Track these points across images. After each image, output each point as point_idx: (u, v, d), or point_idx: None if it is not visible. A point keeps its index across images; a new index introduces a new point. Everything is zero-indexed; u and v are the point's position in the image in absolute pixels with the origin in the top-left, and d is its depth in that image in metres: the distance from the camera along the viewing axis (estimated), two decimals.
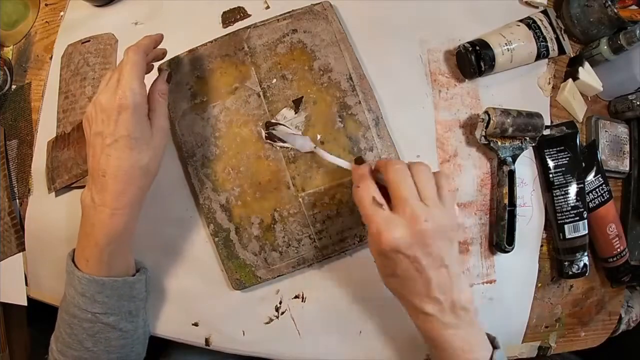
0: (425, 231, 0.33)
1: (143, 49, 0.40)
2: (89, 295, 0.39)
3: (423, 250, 0.33)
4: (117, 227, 0.39)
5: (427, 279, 0.34)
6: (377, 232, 0.33)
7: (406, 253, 0.33)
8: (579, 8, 0.53)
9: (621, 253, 0.53)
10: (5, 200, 0.53)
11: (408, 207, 0.33)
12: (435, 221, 0.33)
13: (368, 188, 0.35)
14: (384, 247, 0.33)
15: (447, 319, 0.35)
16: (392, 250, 0.33)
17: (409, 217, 0.33)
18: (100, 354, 0.41)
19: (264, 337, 0.48)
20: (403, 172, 0.35)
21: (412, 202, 0.34)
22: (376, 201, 0.35)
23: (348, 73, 0.48)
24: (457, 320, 0.35)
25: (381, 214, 0.34)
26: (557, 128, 0.52)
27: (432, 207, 0.34)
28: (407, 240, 0.33)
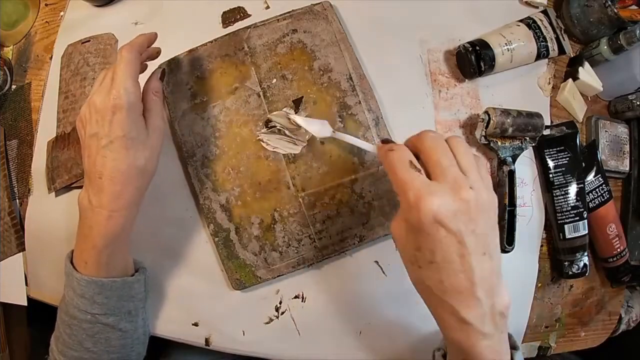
0: (470, 201, 0.29)
1: (137, 48, 0.40)
2: (88, 297, 0.39)
3: (467, 226, 0.29)
4: (115, 229, 0.38)
5: (469, 267, 0.29)
6: (415, 199, 0.28)
7: (449, 226, 0.28)
8: (579, 8, 0.53)
9: (621, 253, 0.53)
10: (5, 200, 0.53)
11: (450, 174, 0.29)
12: (479, 193, 0.29)
13: (403, 151, 0.31)
14: (423, 217, 0.28)
15: (486, 329, 0.30)
16: (434, 221, 0.28)
17: (452, 184, 0.29)
18: (100, 354, 0.41)
19: (264, 337, 0.48)
20: (440, 140, 0.31)
21: (453, 169, 0.29)
22: (413, 165, 0.30)
23: (348, 73, 0.48)
24: (494, 330, 0.30)
25: (421, 179, 0.29)
26: (557, 128, 0.52)
27: (475, 178, 0.30)
28: (451, 207, 0.28)
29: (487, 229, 0.30)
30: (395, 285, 0.48)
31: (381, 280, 0.48)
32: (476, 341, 0.30)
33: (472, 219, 0.29)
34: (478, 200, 0.29)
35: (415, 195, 0.29)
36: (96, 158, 0.37)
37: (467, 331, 0.30)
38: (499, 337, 0.31)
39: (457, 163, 0.30)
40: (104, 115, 0.37)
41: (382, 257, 0.48)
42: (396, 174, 0.30)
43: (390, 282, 0.48)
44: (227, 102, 0.48)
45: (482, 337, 0.30)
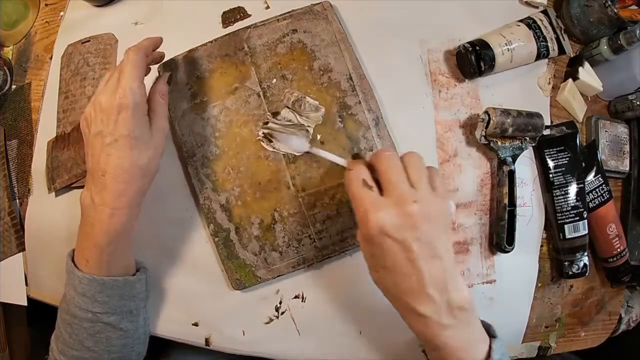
0: (414, 213, 0.32)
1: (143, 50, 0.40)
2: (89, 295, 0.39)
3: (412, 235, 0.32)
4: (117, 227, 0.39)
5: (418, 270, 0.32)
6: (363, 214, 0.32)
7: (394, 236, 0.32)
8: (579, 8, 0.53)
9: (621, 253, 0.53)
10: (5, 200, 0.53)
11: (397, 189, 0.33)
12: (424, 205, 0.32)
13: (359, 171, 0.35)
14: (370, 229, 0.32)
15: (444, 320, 0.33)
16: (380, 233, 0.32)
17: (396, 198, 0.32)
18: (101, 353, 0.41)
19: (264, 337, 0.48)
20: (393, 158, 0.34)
21: (401, 185, 0.33)
22: (365, 183, 0.34)
23: (348, 73, 0.48)
24: (454, 321, 0.33)
25: (369, 196, 0.33)
26: (557, 128, 0.52)
27: (421, 192, 0.33)
28: (394, 220, 0.32)
29: (434, 235, 0.33)
30: None
31: None
32: (437, 331, 0.34)
33: (417, 228, 0.32)
34: (423, 211, 0.32)
35: (365, 210, 0.32)
36: (100, 156, 0.37)
37: (426, 323, 0.34)
38: (462, 328, 0.34)
39: (408, 178, 0.33)
40: (109, 114, 0.37)
41: None
42: (351, 190, 0.34)
43: None
44: (227, 102, 0.48)
45: (442, 328, 0.33)
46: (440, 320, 0.33)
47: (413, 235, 0.32)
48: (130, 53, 0.39)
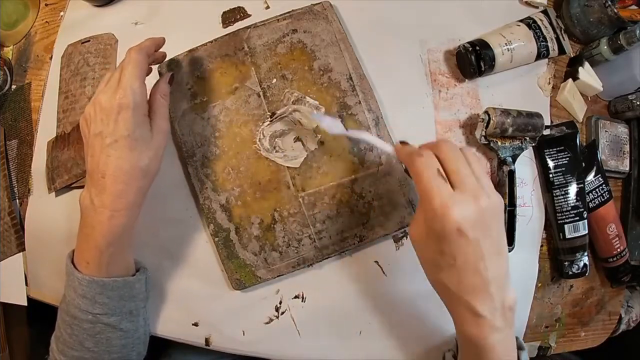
0: (487, 210, 0.31)
1: (145, 50, 0.40)
2: (89, 297, 0.39)
3: (484, 232, 0.31)
4: (116, 229, 0.38)
5: (485, 268, 0.31)
6: (441, 209, 0.31)
7: (469, 234, 0.31)
8: (579, 8, 0.53)
9: (621, 253, 0.53)
10: (5, 200, 0.53)
11: (470, 184, 0.31)
12: (492, 200, 0.32)
13: (431, 158, 0.33)
14: (449, 227, 0.30)
15: (497, 322, 0.33)
16: (456, 230, 0.30)
17: (472, 194, 0.31)
18: (101, 354, 0.41)
19: (264, 337, 0.48)
20: (457, 150, 0.33)
21: (471, 179, 0.32)
22: (441, 174, 0.32)
23: (348, 73, 0.48)
24: (504, 324, 0.33)
25: (447, 189, 0.31)
26: (557, 128, 0.52)
27: (488, 186, 0.32)
28: (472, 217, 0.31)
29: (499, 231, 0.33)
30: (395, 285, 0.48)
31: (381, 280, 0.48)
32: (489, 334, 0.33)
33: (488, 225, 0.32)
34: (492, 207, 0.32)
35: (442, 204, 0.31)
36: (100, 157, 0.37)
37: (481, 325, 0.33)
38: (508, 332, 0.34)
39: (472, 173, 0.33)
40: (109, 114, 0.37)
41: (382, 257, 0.48)
42: (423, 181, 0.32)
43: (390, 282, 0.48)
44: (227, 102, 0.48)
45: (494, 330, 0.33)
46: (494, 321, 0.33)
47: (485, 233, 0.31)
48: (132, 52, 0.39)
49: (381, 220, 0.46)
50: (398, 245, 0.48)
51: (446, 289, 0.34)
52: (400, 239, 0.48)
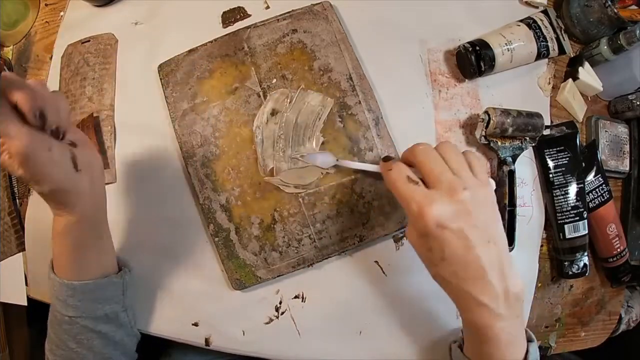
0: (466, 200, 0.32)
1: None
2: (62, 299, 0.40)
3: (467, 222, 0.32)
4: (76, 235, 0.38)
5: (476, 257, 0.32)
6: (418, 210, 0.32)
7: (451, 227, 0.32)
8: (579, 8, 0.53)
9: (621, 253, 0.53)
10: (5, 200, 0.53)
11: (444, 180, 0.33)
12: (473, 190, 0.33)
13: (400, 168, 0.35)
14: (428, 225, 0.32)
15: (501, 310, 0.33)
16: (438, 226, 0.32)
17: (447, 189, 0.32)
18: (84, 354, 0.41)
19: (264, 337, 0.48)
20: (430, 150, 0.35)
21: (446, 175, 0.33)
22: (411, 179, 0.34)
23: (348, 73, 0.48)
24: (509, 312, 0.33)
25: (420, 191, 0.33)
26: (557, 128, 0.52)
27: (466, 179, 0.33)
28: (449, 210, 0.32)
29: (487, 220, 0.33)
30: (395, 285, 0.48)
31: (381, 280, 0.48)
32: (492, 322, 0.33)
33: (471, 215, 0.32)
34: (474, 197, 0.33)
35: (418, 206, 0.32)
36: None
37: (483, 313, 0.33)
38: (514, 321, 0.34)
39: (449, 167, 0.34)
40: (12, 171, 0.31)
41: (382, 257, 0.48)
42: (397, 189, 0.34)
43: (390, 282, 0.48)
44: (227, 102, 0.48)
45: (497, 318, 0.33)
46: (498, 309, 0.33)
47: (468, 223, 0.32)
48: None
49: (381, 220, 0.46)
50: (398, 245, 0.48)
51: (445, 282, 0.35)
52: (400, 239, 0.48)
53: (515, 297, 0.33)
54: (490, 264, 0.33)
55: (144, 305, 0.48)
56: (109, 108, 0.51)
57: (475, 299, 0.33)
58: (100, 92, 0.52)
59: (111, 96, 0.52)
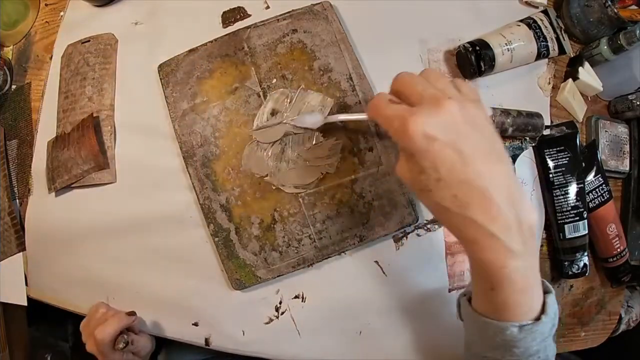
0: (453, 110, 0.28)
1: None
2: None
3: (460, 134, 0.28)
4: None
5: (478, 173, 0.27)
6: (401, 125, 0.28)
7: (441, 137, 0.27)
8: (579, 8, 0.53)
9: (621, 253, 0.53)
10: (5, 200, 0.53)
11: (428, 94, 0.29)
12: (461, 103, 0.29)
13: (381, 94, 0.32)
14: (414, 138, 0.28)
15: (515, 244, 0.28)
16: (425, 138, 0.27)
17: (431, 100, 0.29)
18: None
19: (264, 337, 0.48)
20: (413, 74, 0.32)
21: (428, 89, 0.30)
22: (392, 100, 0.31)
23: (348, 73, 0.48)
24: (523, 247, 0.28)
25: (401, 107, 0.30)
26: (557, 128, 0.52)
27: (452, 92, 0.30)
28: (436, 120, 0.28)
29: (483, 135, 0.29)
30: (395, 285, 0.48)
31: (381, 280, 0.48)
32: (505, 260, 0.28)
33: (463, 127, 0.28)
34: (463, 109, 0.29)
35: (400, 121, 0.28)
36: None
37: (494, 247, 0.28)
38: (530, 260, 0.29)
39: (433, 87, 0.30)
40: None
41: (382, 257, 0.48)
42: (380, 114, 0.31)
43: (390, 282, 0.48)
44: (227, 102, 0.48)
45: (510, 254, 0.28)
46: (511, 243, 0.28)
47: (460, 134, 0.28)
48: None
49: (381, 220, 0.46)
50: (398, 245, 0.48)
51: (446, 211, 0.29)
52: (400, 239, 0.48)
53: (529, 230, 0.29)
54: (496, 185, 0.28)
55: (144, 306, 0.48)
56: (109, 108, 0.51)
57: (483, 229, 0.28)
58: (100, 92, 0.52)
59: (111, 96, 0.52)
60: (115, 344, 0.42)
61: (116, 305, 0.48)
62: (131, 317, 0.45)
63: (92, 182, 0.50)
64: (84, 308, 0.48)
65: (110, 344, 0.42)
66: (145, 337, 0.47)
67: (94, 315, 0.45)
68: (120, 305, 0.48)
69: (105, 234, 0.50)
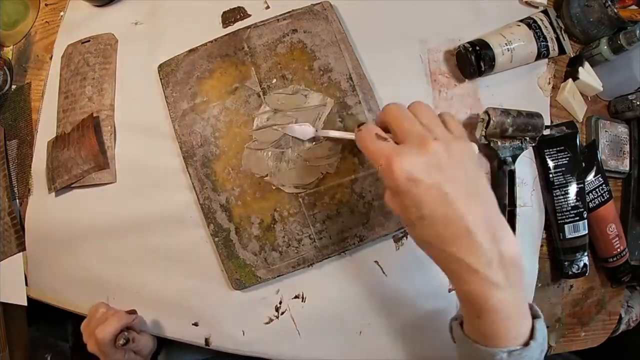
0: (438, 151, 0.29)
1: None
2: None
3: (443, 175, 0.29)
4: None
5: (458, 212, 0.29)
6: (386, 164, 0.30)
7: (424, 179, 0.29)
8: (579, 8, 0.53)
9: (621, 253, 0.53)
10: (5, 200, 0.53)
11: (414, 133, 0.30)
12: (447, 143, 0.30)
13: (369, 126, 0.33)
14: (397, 179, 0.29)
15: (496, 277, 0.29)
16: (409, 180, 0.29)
17: (416, 141, 0.30)
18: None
19: (264, 337, 0.48)
20: (401, 108, 0.33)
21: (416, 127, 0.31)
22: (379, 136, 0.32)
23: (348, 73, 0.48)
24: (506, 281, 0.29)
25: (387, 146, 0.31)
26: (557, 128, 0.52)
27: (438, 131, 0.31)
28: (419, 162, 0.29)
29: (467, 174, 0.30)
30: (395, 285, 0.48)
31: (381, 280, 0.48)
32: (488, 292, 0.29)
33: (447, 168, 0.29)
34: (449, 150, 0.30)
35: (385, 160, 0.30)
36: None
37: (477, 281, 0.29)
38: (513, 291, 0.30)
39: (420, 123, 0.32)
40: None
41: (382, 257, 0.48)
42: (367, 147, 0.32)
43: (390, 282, 0.48)
44: (227, 102, 0.48)
45: (493, 287, 0.29)
46: (492, 276, 0.29)
47: (444, 176, 0.29)
48: None
49: (381, 220, 0.46)
50: (398, 245, 0.48)
51: (429, 245, 0.31)
52: (400, 239, 0.48)
53: (511, 261, 0.30)
54: (476, 222, 0.29)
55: (144, 306, 0.48)
56: (109, 108, 0.51)
57: (465, 265, 0.29)
58: (100, 92, 0.52)
59: (111, 96, 0.52)
60: (116, 342, 0.42)
61: (116, 305, 0.48)
62: (131, 316, 0.45)
63: (92, 182, 0.50)
64: (84, 308, 0.48)
65: (111, 343, 0.42)
66: (146, 336, 0.47)
67: (94, 315, 0.45)
68: (121, 305, 0.48)
69: (105, 234, 0.50)
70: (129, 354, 0.45)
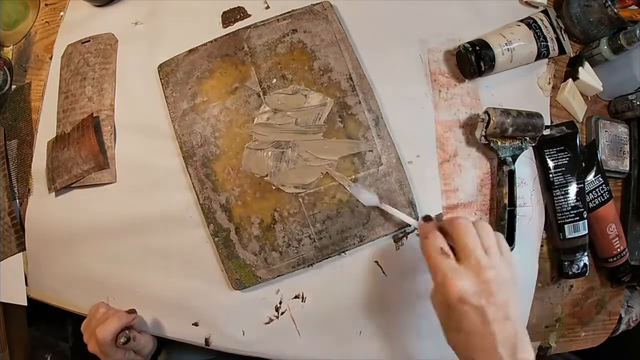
0: (491, 280, 0.34)
1: None
2: None
3: (488, 300, 0.34)
4: None
5: (491, 332, 0.34)
6: (443, 281, 0.34)
7: (472, 303, 0.33)
8: (579, 8, 0.53)
9: (621, 253, 0.53)
10: (5, 200, 0.53)
11: (473, 257, 0.35)
12: (499, 271, 0.35)
13: (435, 239, 0.37)
14: (451, 297, 0.34)
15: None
16: (459, 300, 0.34)
17: (474, 267, 0.34)
18: None
19: (264, 337, 0.48)
20: (468, 227, 0.36)
21: (477, 252, 0.35)
22: (444, 251, 0.36)
23: (348, 73, 0.48)
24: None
25: (448, 264, 0.35)
26: (557, 128, 0.52)
27: (495, 259, 0.35)
28: (473, 288, 0.34)
29: (507, 299, 0.35)
30: (395, 285, 0.48)
31: (381, 280, 0.48)
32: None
33: (493, 294, 0.34)
34: (499, 278, 0.34)
35: (443, 277, 0.34)
36: None
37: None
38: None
39: (481, 244, 0.36)
40: None
41: (382, 257, 0.48)
42: (429, 258, 0.36)
43: (390, 282, 0.48)
44: (227, 102, 0.48)
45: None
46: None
47: (489, 301, 0.34)
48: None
49: (381, 220, 0.46)
50: (398, 245, 0.48)
51: (458, 347, 0.36)
52: (400, 239, 0.48)
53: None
54: (503, 340, 0.34)
55: (144, 306, 0.48)
56: (109, 108, 0.51)
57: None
58: (100, 92, 0.52)
59: (111, 96, 0.52)
60: (117, 340, 0.42)
61: (116, 305, 0.48)
62: (131, 315, 0.45)
63: (92, 182, 0.50)
64: (84, 308, 0.48)
65: (111, 342, 0.42)
66: (146, 336, 0.47)
67: (94, 316, 0.45)
68: (120, 305, 0.48)
69: (105, 234, 0.50)
70: (129, 354, 0.45)
